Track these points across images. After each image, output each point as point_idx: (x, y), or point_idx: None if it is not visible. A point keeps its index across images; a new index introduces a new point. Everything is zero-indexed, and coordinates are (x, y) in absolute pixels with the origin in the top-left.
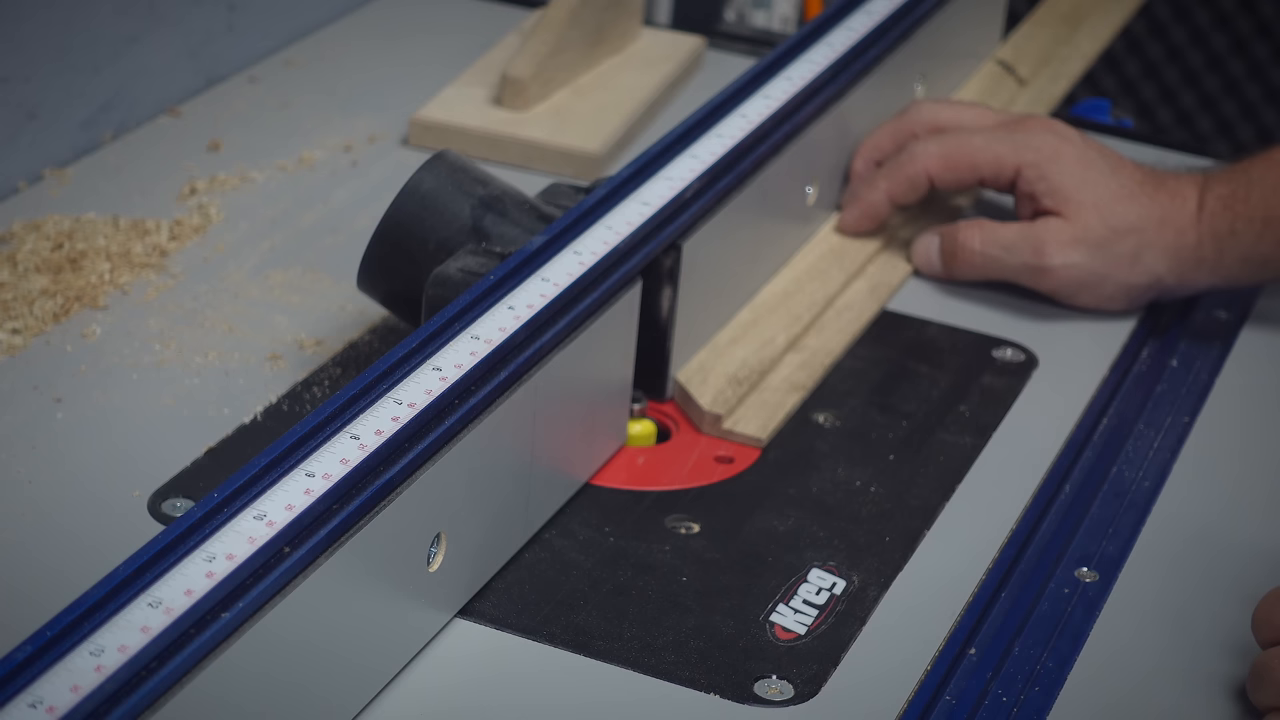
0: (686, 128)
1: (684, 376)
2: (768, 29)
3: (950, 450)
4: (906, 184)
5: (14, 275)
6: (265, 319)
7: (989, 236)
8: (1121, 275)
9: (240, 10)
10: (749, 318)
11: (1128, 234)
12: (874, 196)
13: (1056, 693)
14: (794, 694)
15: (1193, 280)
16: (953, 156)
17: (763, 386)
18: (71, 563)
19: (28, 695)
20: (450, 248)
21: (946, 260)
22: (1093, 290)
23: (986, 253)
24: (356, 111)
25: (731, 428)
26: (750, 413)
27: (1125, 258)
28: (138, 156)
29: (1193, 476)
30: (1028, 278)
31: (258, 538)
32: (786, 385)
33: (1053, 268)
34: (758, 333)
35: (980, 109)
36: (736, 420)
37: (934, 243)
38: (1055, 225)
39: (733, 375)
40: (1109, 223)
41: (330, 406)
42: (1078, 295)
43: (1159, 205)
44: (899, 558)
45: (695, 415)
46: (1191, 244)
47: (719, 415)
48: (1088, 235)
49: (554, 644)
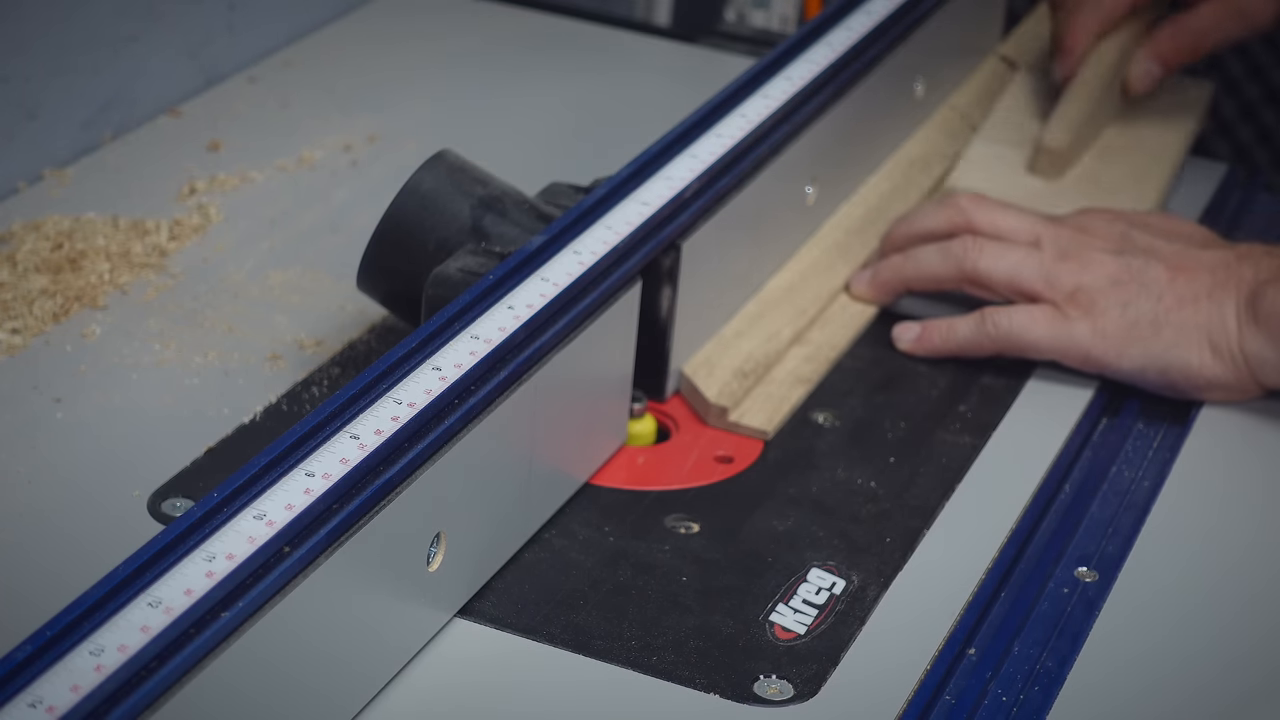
0: (686, 127)
1: (690, 369)
2: (768, 29)
3: (950, 450)
4: (925, 282)
5: (13, 275)
6: (265, 319)
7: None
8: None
9: (240, 10)
10: (755, 310)
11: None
12: (887, 275)
13: (1056, 692)
14: (794, 694)
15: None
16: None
17: (768, 380)
18: (71, 562)
19: (27, 695)
20: (450, 248)
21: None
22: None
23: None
24: (356, 111)
25: (738, 420)
26: (756, 405)
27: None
28: (138, 156)
29: (1193, 476)
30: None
31: (257, 537)
32: (792, 379)
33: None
34: (763, 326)
35: (1024, 218)
36: (742, 413)
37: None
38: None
39: (739, 368)
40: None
41: (330, 406)
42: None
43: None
44: (899, 557)
45: (701, 407)
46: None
47: (725, 407)
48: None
49: (554, 644)
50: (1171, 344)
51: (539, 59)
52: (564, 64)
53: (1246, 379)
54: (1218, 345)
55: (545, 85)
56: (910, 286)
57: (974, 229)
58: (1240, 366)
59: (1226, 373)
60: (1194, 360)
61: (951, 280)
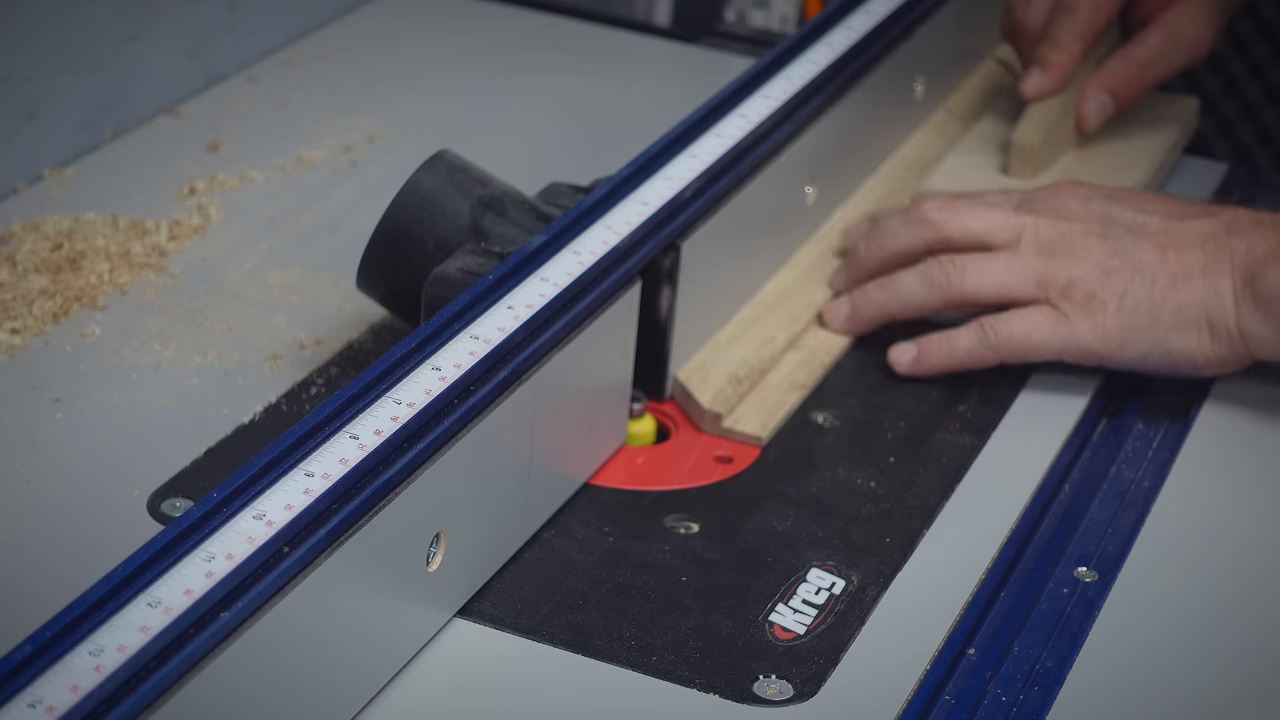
0: (686, 127)
1: (684, 375)
2: (767, 29)
3: (950, 450)
4: (910, 312)
5: (13, 275)
6: (265, 319)
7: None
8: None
9: (240, 10)
10: (749, 315)
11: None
12: (869, 312)
13: (1055, 692)
14: (793, 694)
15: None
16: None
17: (763, 385)
18: (71, 562)
19: (27, 695)
20: (449, 247)
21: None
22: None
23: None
24: (356, 111)
25: (732, 426)
26: (750, 411)
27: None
28: (137, 156)
29: (1193, 476)
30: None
31: (257, 537)
32: (787, 384)
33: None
34: (758, 331)
35: (996, 214)
36: (737, 419)
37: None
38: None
39: (733, 374)
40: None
41: (329, 406)
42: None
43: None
44: (898, 558)
45: (695, 413)
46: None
47: (719, 414)
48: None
49: (553, 644)
50: (1170, 326)
51: (539, 59)
52: (564, 64)
53: (1242, 354)
54: (1215, 323)
55: (545, 85)
56: (893, 319)
57: (948, 242)
58: (1237, 342)
59: (1223, 349)
60: (1192, 340)
61: (939, 306)
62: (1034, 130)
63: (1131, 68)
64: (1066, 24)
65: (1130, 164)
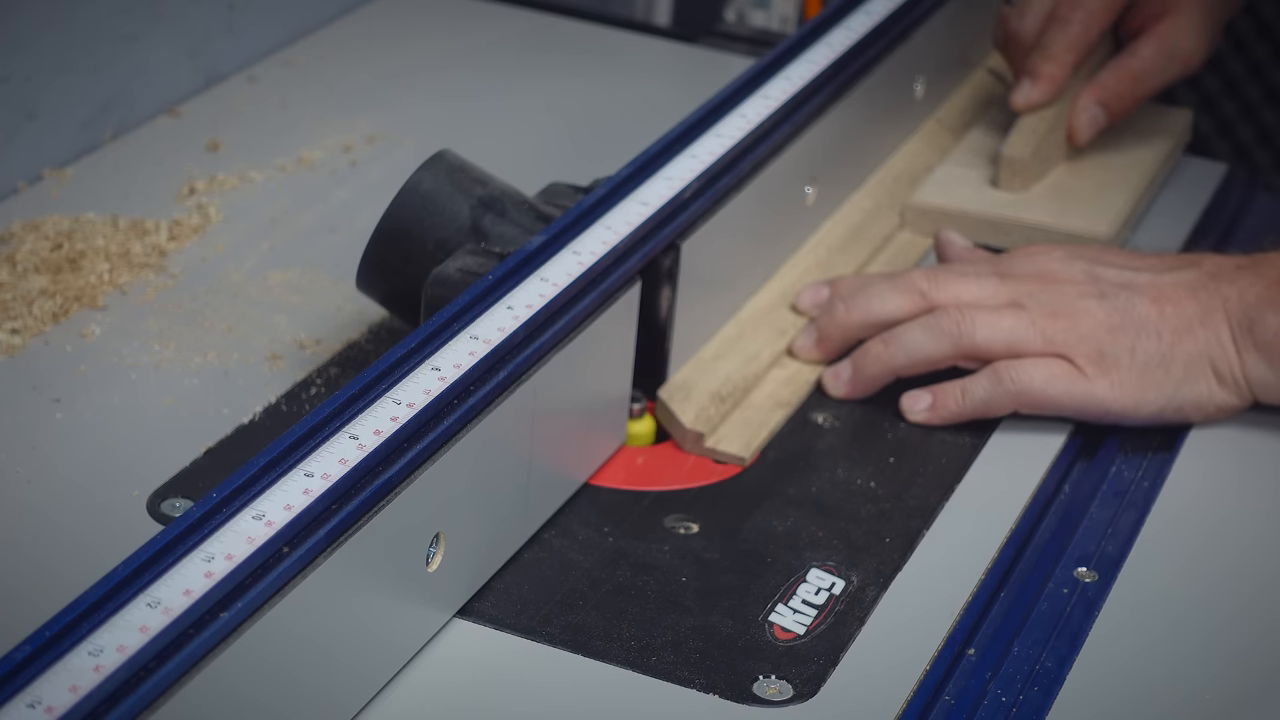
0: (686, 127)
1: (666, 393)
2: (767, 29)
3: (950, 450)
4: (918, 366)
5: (13, 275)
6: (264, 319)
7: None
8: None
9: (240, 10)
10: (733, 332)
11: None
12: (874, 370)
13: (1055, 693)
14: (793, 694)
15: None
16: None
17: (746, 404)
18: (70, 563)
19: (26, 695)
20: (449, 248)
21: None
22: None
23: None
24: (356, 111)
25: (714, 446)
26: (733, 431)
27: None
28: (137, 156)
29: (1193, 476)
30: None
31: (256, 538)
32: (771, 402)
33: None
34: (742, 348)
35: (984, 283)
36: (719, 438)
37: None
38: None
39: (716, 392)
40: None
41: (329, 406)
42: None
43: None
44: (898, 558)
45: (677, 433)
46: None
47: (701, 433)
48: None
49: (553, 644)
50: (1182, 380)
51: (539, 59)
52: (564, 64)
53: (1248, 399)
54: (1220, 371)
55: (545, 85)
56: (901, 374)
57: (938, 309)
58: (1243, 388)
59: (1230, 396)
60: (1204, 390)
61: (947, 358)
62: (1024, 142)
63: (1124, 79)
64: (1059, 35)
65: (1121, 177)
